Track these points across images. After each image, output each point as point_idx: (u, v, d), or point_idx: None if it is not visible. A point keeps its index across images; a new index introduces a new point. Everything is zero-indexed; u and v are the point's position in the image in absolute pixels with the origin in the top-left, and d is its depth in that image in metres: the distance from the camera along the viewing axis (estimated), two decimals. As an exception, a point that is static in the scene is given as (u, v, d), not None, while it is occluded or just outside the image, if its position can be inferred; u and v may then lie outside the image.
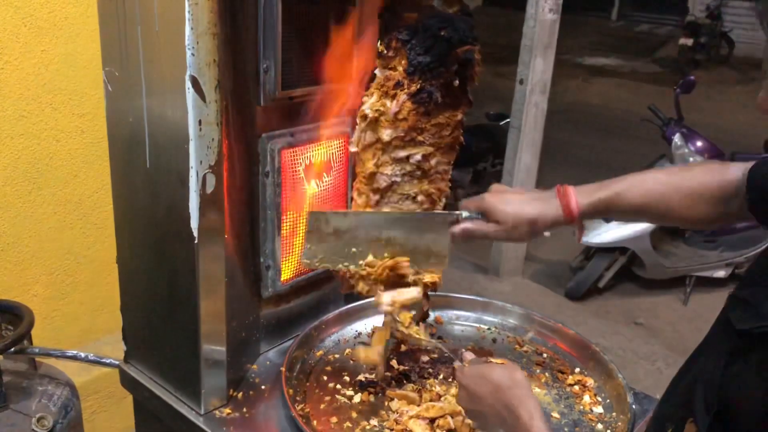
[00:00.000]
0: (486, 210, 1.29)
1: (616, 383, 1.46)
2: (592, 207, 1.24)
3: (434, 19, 1.26)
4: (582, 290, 4.46)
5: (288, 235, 1.47)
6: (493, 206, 1.28)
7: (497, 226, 1.27)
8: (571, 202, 1.24)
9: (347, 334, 1.68)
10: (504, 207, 1.27)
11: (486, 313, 1.78)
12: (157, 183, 1.27)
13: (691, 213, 1.21)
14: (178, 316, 1.34)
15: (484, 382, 1.12)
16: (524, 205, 1.26)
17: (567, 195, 1.25)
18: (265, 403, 1.40)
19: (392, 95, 1.29)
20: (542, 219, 1.25)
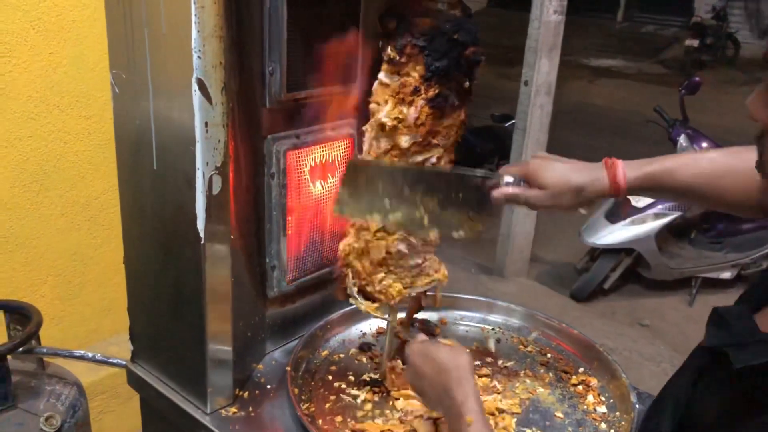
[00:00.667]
0: (530, 175, 1.24)
1: (620, 383, 1.47)
2: (640, 181, 1.20)
3: (448, 24, 1.27)
4: (587, 291, 4.46)
5: (293, 236, 1.48)
6: (538, 171, 1.23)
7: (541, 192, 1.22)
8: (619, 173, 1.20)
9: (352, 334, 1.69)
10: (550, 173, 1.22)
11: (490, 313, 1.78)
12: (164, 184, 1.29)
13: (745, 198, 1.14)
14: (185, 316, 1.36)
15: (429, 360, 1.15)
16: (571, 173, 1.22)
17: (615, 166, 1.21)
18: (270, 403, 1.42)
19: (409, 101, 1.29)
20: (588, 188, 1.21)
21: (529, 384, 1.52)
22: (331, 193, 1.53)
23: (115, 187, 1.44)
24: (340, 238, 1.59)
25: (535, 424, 1.39)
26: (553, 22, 4.11)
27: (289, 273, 1.51)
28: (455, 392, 1.08)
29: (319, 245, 1.58)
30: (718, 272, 4.53)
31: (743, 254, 4.48)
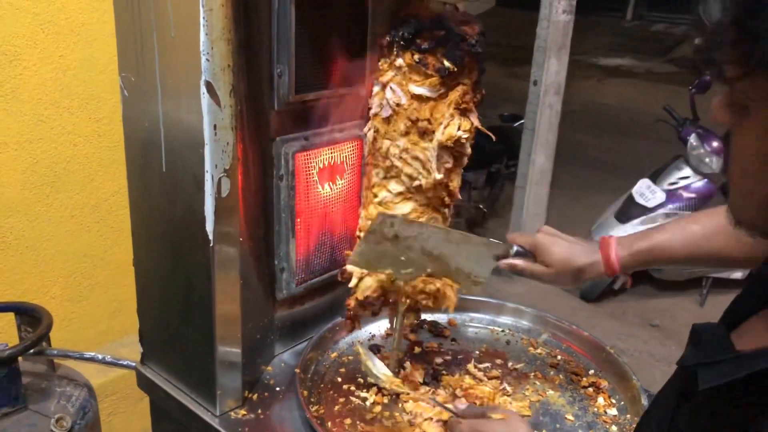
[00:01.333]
0: (536, 249, 1.33)
1: (631, 385, 1.46)
2: (633, 259, 1.27)
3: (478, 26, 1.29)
4: (597, 292, 4.44)
5: (302, 238, 1.48)
6: (545, 247, 1.32)
7: (544, 269, 1.31)
8: (611, 255, 1.27)
9: (361, 335, 1.69)
10: (555, 250, 1.31)
11: (500, 315, 1.78)
12: (173, 186, 1.29)
13: (741, 251, 1.18)
14: (194, 318, 1.36)
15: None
16: (574, 254, 1.31)
17: (608, 247, 1.28)
18: (279, 405, 1.42)
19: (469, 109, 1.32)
20: (588, 270, 1.29)
21: (539, 386, 1.51)
22: (339, 194, 1.52)
23: (125, 189, 1.44)
24: (349, 240, 1.60)
25: (545, 427, 1.38)
26: (561, 21, 4.10)
27: (297, 275, 1.51)
28: None
29: (327, 247, 1.57)
30: (729, 272, 4.49)
31: (754, 254, 4.44)
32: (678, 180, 4.29)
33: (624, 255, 1.27)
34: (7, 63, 2.14)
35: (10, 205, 2.29)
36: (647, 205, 4.23)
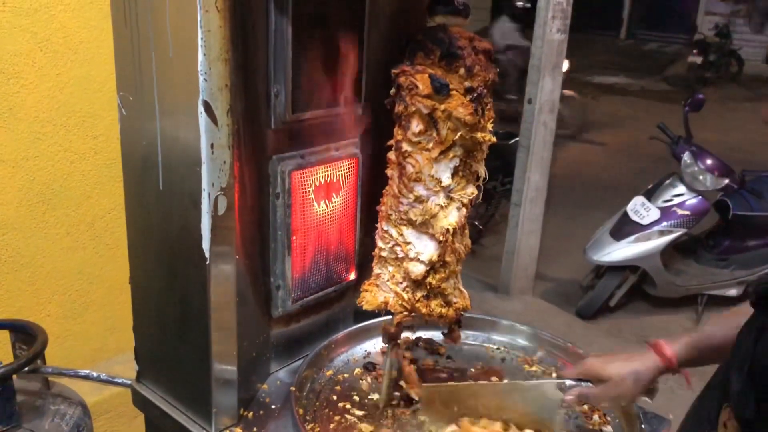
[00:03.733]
0: (589, 373, 1.36)
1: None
2: (687, 348, 1.29)
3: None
4: (593, 309, 4.44)
5: (298, 256, 1.48)
6: (597, 368, 1.35)
7: (604, 386, 1.32)
8: (666, 350, 1.30)
9: (356, 353, 1.69)
10: (606, 366, 1.33)
11: (494, 332, 1.78)
12: (170, 204, 1.30)
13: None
14: (190, 335, 1.36)
15: None
16: (624, 361, 1.33)
17: (659, 345, 1.32)
18: (275, 422, 1.41)
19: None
20: (644, 370, 1.31)
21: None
22: (335, 212, 1.53)
23: (121, 207, 1.45)
24: (345, 258, 1.61)
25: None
26: (556, 41, 4.13)
27: (293, 292, 1.51)
28: None
29: (323, 265, 1.58)
30: (725, 290, 4.51)
31: (749, 271, 4.46)
32: (672, 197, 4.31)
33: (677, 347, 1.30)
34: (5, 81, 2.15)
35: (6, 222, 2.29)
36: (642, 222, 4.25)
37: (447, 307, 1.40)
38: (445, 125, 1.23)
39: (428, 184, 1.26)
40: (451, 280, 1.39)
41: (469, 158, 1.29)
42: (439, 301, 1.40)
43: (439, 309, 1.40)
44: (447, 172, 1.26)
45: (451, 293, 1.39)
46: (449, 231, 1.28)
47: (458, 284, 1.42)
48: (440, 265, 1.34)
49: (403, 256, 1.34)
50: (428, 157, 1.24)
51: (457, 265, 1.38)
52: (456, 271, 1.39)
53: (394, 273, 1.38)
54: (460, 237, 1.35)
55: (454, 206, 1.29)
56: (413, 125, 1.23)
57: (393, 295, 1.39)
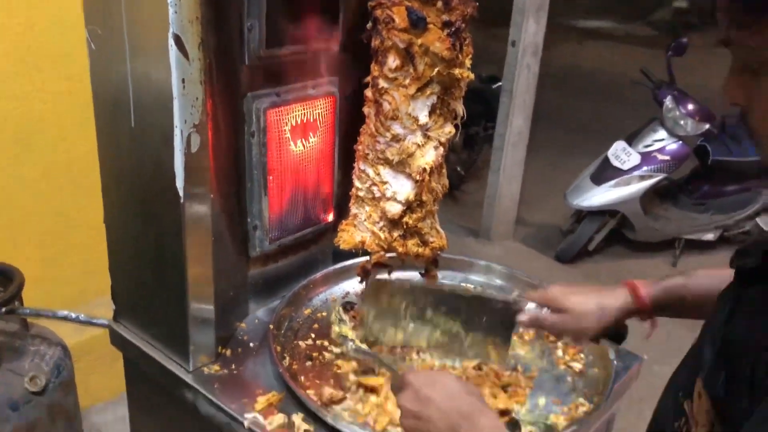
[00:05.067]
0: (552, 301, 1.27)
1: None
2: (663, 293, 1.23)
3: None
4: (572, 253, 4.49)
5: (275, 196, 1.47)
6: (560, 297, 1.26)
7: (565, 316, 1.24)
8: (640, 289, 1.23)
9: (335, 293, 1.70)
10: (570, 297, 1.25)
11: (471, 272, 1.80)
12: (143, 142, 1.28)
13: None
14: (166, 275, 1.36)
15: (438, 385, 1.03)
16: (591, 294, 1.26)
17: (634, 284, 1.24)
18: (253, 360, 1.43)
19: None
20: (611, 307, 1.23)
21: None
22: (312, 152, 1.52)
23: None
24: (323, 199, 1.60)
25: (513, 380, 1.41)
26: (540, -19, 4.06)
27: (271, 233, 1.51)
28: (478, 417, 0.97)
29: (301, 205, 1.57)
30: (702, 234, 4.56)
31: (727, 216, 4.51)
32: (653, 142, 4.32)
33: (653, 289, 1.23)
34: (-29, 17, 2.09)
35: (-21, 164, 2.26)
36: (622, 167, 4.26)
37: (424, 247, 1.41)
38: (422, 60, 1.20)
39: (405, 122, 1.25)
40: (428, 220, 1.39)
41: (447, 96, 1.27)
42: (416, 241, 1.40)
43: (416, 248, 1.40)
44: (424, 109, 1.25)
45: (427, 233, 1.39)
46: (426, 170, 1.28)
47: (435, 224, 1.42)
48: (417, 204, 1.33)
49: (380, 195, 1.33)
50: (405, 94, 1.22)
51: (434, 204, 1.38)
52: (433, 211, 1.39)
53: (371, 213, 1.37)
54: (438, 176, 1.34)
55: (432, 145, 1.28)
56: (390, 60, 1.21)
57: (370, 234, 1.38)
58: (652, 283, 1.24)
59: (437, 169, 1.31)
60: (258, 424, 1.24)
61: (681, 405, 0.92)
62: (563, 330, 1.27)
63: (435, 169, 1.29)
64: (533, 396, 1.37)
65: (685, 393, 0.91)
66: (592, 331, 1.24)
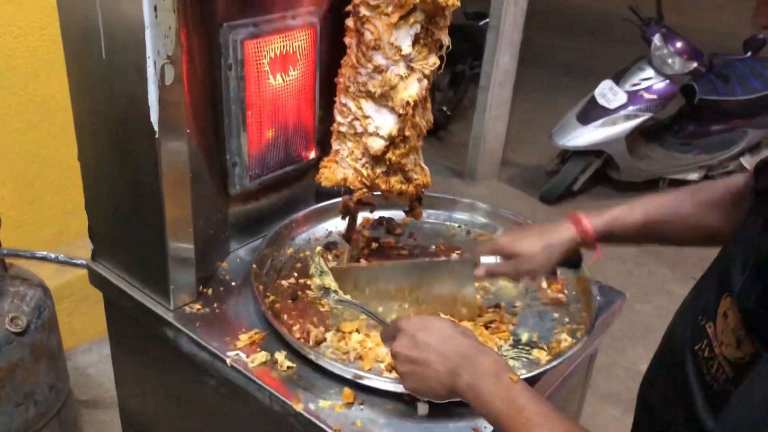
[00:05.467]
0: (501, 249, 1.33)
1: (582, 276, 1.48)
2: (606, 224, 1.28)
3: None
4: (556, 194, 4.49)
5: (254, 132, 1.43)
6: (507, 244, 1.32)
7: (516, 261, 1.30)
8: (584, 222, 1.28)
9: (318, 232, 1.68)
10: (519, 241, 1.31)
11: (456, 210, 1.78)
12: (115, 75, 1.22)
13: (706, 221, 1.21)
14: (144, 213, 1.33)
15: (433, 329, 1.03)
16: (537, 236, 1.31)
17: (578, 218, 1.30)
18: (235, 299, 1.41)
19: None
20: (557, 242, 1.29)
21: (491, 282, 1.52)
22: (292, 86, 1.47)
23: (73, 84, 1.37)
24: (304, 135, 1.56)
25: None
26: None
27: (251, 170, 1.47)
28: (479, 357, 0.98)
29: (282, 142, 1.54)
30: (686, 173, 4.57)
31: (712, 156, 4.51)
32: (640, 81, 4.27)
33: (596, 221, 1.29)
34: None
35: (-52, 102, 2.19)
36: (609, 106, 4.22)
37: (407, 184, 1.38)
38: None
39: (387, 52, 1.20)
40: (412, 156, 1.36)
41: (431, 25, 1.22)
42: (399, 178, 1.37)
43: (399, 185, 1.38)
44: (407, 39, 1.20)
45: (411, 169, 1.37)
46: (410, 104, 1.24)
47: (419, 160, 1.39)
48: (400, 140, 1.30)
49: (362, 130, 1.30)
50: (387, 22, 1.17)
51: (417, 140, 1.35)
52: (417, 147, 1.36)
53: (353, 149, 1.34)
54: (422, 111, 1.31)
55: (415, 77, 1.23)
56: (371, -14, 1.16)
57: (352, 171, 1.36)
58: (595, 214, 1.30)
59: (421, 103, 1.27)
60: (240, 362, 1.23)
61: (702, 328, 0.93)
62: (517, 274, 1.33)
63: (419, 102, 1.25)
64: (516, 332, 1.37)
65: (705, 317, 0.93)
66: (544, 269, 1.31)
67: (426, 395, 1.05)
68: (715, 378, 0.90)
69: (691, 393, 0.94)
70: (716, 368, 0.90)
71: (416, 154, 1.36)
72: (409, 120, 1.26)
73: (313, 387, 1.19)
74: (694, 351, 0.94)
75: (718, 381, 0.88)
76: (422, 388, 1.03)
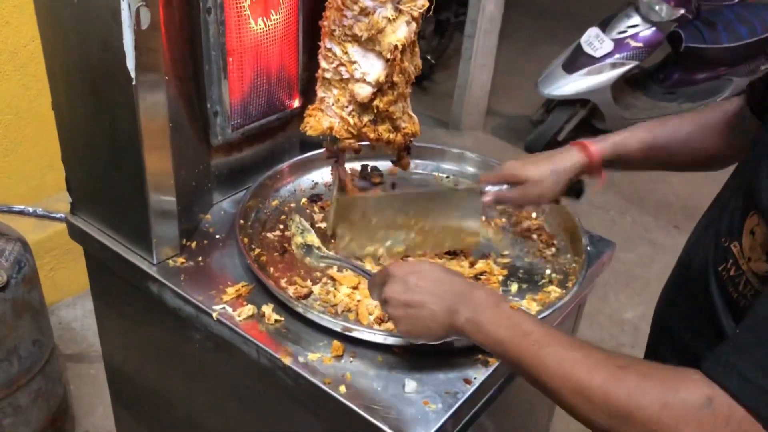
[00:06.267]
0: (507, 177, 1.34)
1: (572, 225, 1.47)
2: (611, 149, 1.29)
3: None
4: (542, 144, 4.46)
5: (236, 79, 1.38)
6: (514, 171, 1.33)
7: (523, 187, 1.31)
8: (591, 148, 1.29)
9: (303, 183, 1.65)
10: (525, 168, 1.32)
11: (444, 161, 1.75)
12: (88, 19, 1.16)
13: (705, 144, 1.24)
14: (123, 164, 1.28)
15: (424, 272, 1.03)
16: (543, 161, 1.32)
17: (584, 144, 1.31)
18: (219, 252, 1.39)
19: None
20: (564, 167, 1.30)
21: (482, 229, 1.51)
22: (274, 31, 1.41)
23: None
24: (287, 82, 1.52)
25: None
26: None
27: (233, 119, 1.43)
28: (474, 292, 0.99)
29: (264, 90, 1.49)
30: (671, 123, 4.56)
31: (696, 104, 4.50)
32: (627, 29, 4.21)
33: (601, 145, 1.29)
34: None
35: None
36: (595, 54, 4.17)
37: (395, 132, 1.35)
38: None
39: (374, -7, 1.15)
40: (400, 104, 1.32)
41: (419, -35, 1.17)
42: (387, 126, 1.33)
43: (387, 134, 1.34)
44: (394, -21, 1.15)
45: (399, 117, 1.33)
46: (398, 48, 1.19)
47: (407, 108, 1.35)
48: (388, 86, 1.26)
49: (348, 77, 1.25)
50: (373, -38, 1.12)
51: (406, 87, 1.30)
52: (405, 94, 1.32)
53: (339, 96, 1.30)
54: (410, 56, 1.26)
55: (403, 20, 1.18)
56: None
57: (338, 120, 1.32)
58: (600, 140, 1.31)
59: (409, 47, 1.23)
60: (227, 315, 1.21)
61: (725, 248, 0.95)
62: (525, 200, 1.36)
63: (407, 46, 1.21)
64: (506, 283, 1.36)
65: (729, 237, 0.95)
66: (551, 194, 1.32)
67: (422, 337, 1.04)
68: (742, 294, 0.92)
69: (715, 312, 0.96)
70: (743, 285, 0.92)
71: (404, 101, 1.32)
72: (398, 65, 1.22)
73: (302, 340, 1.18)
74: (719, 272, 0.96)
75: (746, 297, 0.91)
76: (418, 330, 1.02)
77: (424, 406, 1.06)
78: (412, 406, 1.06)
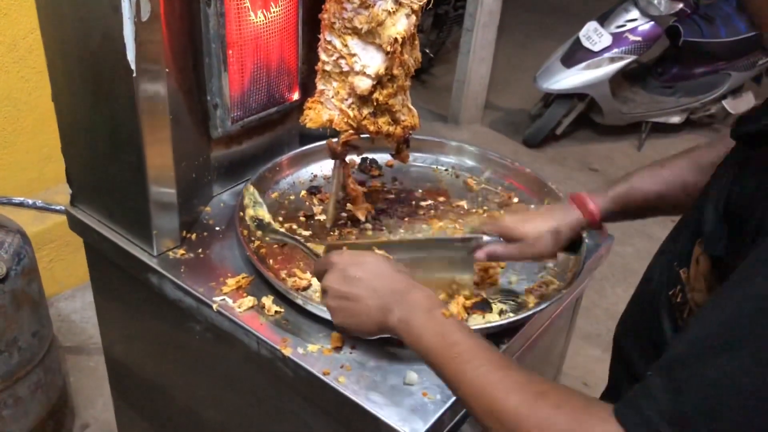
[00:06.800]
0: (505, 231, 1.25)
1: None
2: (611, 202, 1.24)
3: None
4: (540, 137, 4.47)
5: (236, 72, 1.39)
6: (512, 225, 1.25)
7: (521, 245, 1.23)
8: (589, 204, 1.24)
9: (303, 176, 1.65)
10: (523, 224, 1.24)
11: (443, 153, 1.75)
12: (87, 10, 1.16)
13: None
14: (123, 156, 1.29)
15: (366, 264, 1.01)
16: (543, 219, 1.25)
17: (581, 199, 1.25)
18: (219, 244, 1.39)
19: None
20: (563, 227, 1.24)
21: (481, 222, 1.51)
22: (275, 24, 1.42)
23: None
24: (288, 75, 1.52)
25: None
26: None
27: (233, 112, 1.43)
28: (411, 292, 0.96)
29: (264, 83, 1.49)
30: (669, 117, 4.57)
31: (694, 98, 4.50)
32: (625, 23, 4.21)
33: (600, 201, 1.24)
34: None
35: None
36: (593, 48, 4.17)
37: (395, 125, 1.35)
38: None
39: (374, -15, 1.15)
40: (400, 97, 1.32)
41: (419, -42, 1.17)
42: (387, 119, 1.34)
43: (387, 127, 1.34)
44: (394, -28, 1.15)
45: (399, 110, 1.33)
46: (398, 40, 1.19)
47: (407, 101, 1.36)
48: (388, 79, 1.26)
49: (348, 69, 1.26)
50: (374, -46, 1.12)
51: (405, 80, 1.31)
52: (405, 87, 1.32)
53: (339, 89, 1.30)
54: (410, 49, 1.26)
55: (403, 12, 1.19)
56: None
57: (338, 112, 1.32)
58: (599, 194, 1.26)
59: (409, 40, 1.23)
60: (227, 307, 1.22)
61: (676, 274, 0.92)
62: (521, 258, 1.28)
63: (407, 39, 1.21)
64: (504, 275, 1.36)
65: (680, 262, 0.92)
66: (548, 254, 1.25)
67: (355, 331, 1.02)
68: (686, 322, 0.90)
69: (663, 336, 0.94)
70: (687, 314, 0.90)
71: (404, 94, 1.33)
72: (397, 58, 1.22)
73: (301, 331, 1.18)
74: (669, 296, 0.94)
75: None
76: (352, 324, 1.01)
77: (423, 398, 1.07)
78: (411, 397, 1.07)
